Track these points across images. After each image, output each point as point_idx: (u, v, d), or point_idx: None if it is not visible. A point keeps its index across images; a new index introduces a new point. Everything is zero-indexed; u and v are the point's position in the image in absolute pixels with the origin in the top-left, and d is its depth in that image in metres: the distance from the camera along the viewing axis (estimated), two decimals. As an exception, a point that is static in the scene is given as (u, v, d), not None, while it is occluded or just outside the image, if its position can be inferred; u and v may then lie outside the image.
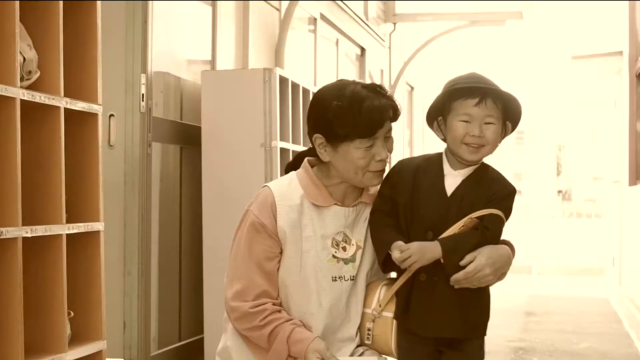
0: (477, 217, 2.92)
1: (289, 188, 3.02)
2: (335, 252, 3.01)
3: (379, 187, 3.10)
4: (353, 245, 3.03)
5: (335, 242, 3.01)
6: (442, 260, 2.90)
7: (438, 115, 3.03)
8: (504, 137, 3.04)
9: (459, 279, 2.90)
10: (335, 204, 3.02)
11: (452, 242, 2.90)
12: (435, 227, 2.94)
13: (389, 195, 3.01)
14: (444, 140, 3.05)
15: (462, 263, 2.90)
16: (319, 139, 2.98)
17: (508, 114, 3.00)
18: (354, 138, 2.92)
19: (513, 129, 3.06)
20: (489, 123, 2.95)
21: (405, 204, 2.98)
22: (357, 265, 3.03)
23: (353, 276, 3.03)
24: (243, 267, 2.97)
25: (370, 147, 2.94)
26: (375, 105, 2.92)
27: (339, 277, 3.01)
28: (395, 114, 2.98)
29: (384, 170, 3.02)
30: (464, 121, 2.95)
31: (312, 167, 3.07)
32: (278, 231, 2.97)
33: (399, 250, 2.90)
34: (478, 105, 2.93)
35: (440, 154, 3.06)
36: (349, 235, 3.03)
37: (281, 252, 2.99)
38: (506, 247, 3.00)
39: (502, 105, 2.97)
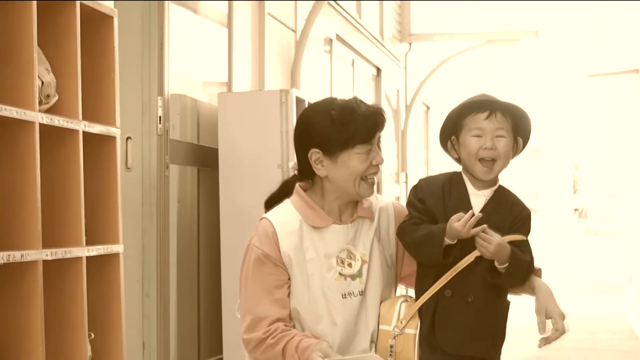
0: (508, 242, 2.96)
1: (285, 215, 3.07)
2: (342, 269, 3.04)
3: (389, 202, 3.16)
4: (358, 260, 3.06)
5: (340, 259, 3.04)
6: (497, 264, 2.93)
7: (451, 135, 3.09)
8: (515, 155, 3.09)
9: (551, 340, 2.95)
10: (333, 222, 3.06)
11: (517, 252, 2.94)
12: (463, 244, 2.95)
13: (423, 208, 3.03)
14: (457, 160, 3.10)
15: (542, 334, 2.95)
16: (315, 154, 3.03)
17: (518, 128, 3.06)
18: (355, 144, 2.98)
19: (524, 146, 3.10)
20: (500, 136, 3.01)
21: (440, 215, 3.00)
22: (365, 280, 3.05)
23: (362, 291, 3.05)
24: (253, 300, 3.02)
25: (368, 152, 3.00)
26: (369, 110, 3.01)
27: (349, 294, 3.03)
28: (383, 120, 3.06)
29: (375, 181, 3.07)
30: (476, 136, 3.01)
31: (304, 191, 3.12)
32: (283, 258, 3.01)
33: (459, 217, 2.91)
34: (488, 118, 3.00)
35: (460, 173, 3.09)
36: (353, 251, 3.06)
37: (289, 279, 3.03)
38: (544, 283, 3.05)
39: (512, 119, 3.03)
